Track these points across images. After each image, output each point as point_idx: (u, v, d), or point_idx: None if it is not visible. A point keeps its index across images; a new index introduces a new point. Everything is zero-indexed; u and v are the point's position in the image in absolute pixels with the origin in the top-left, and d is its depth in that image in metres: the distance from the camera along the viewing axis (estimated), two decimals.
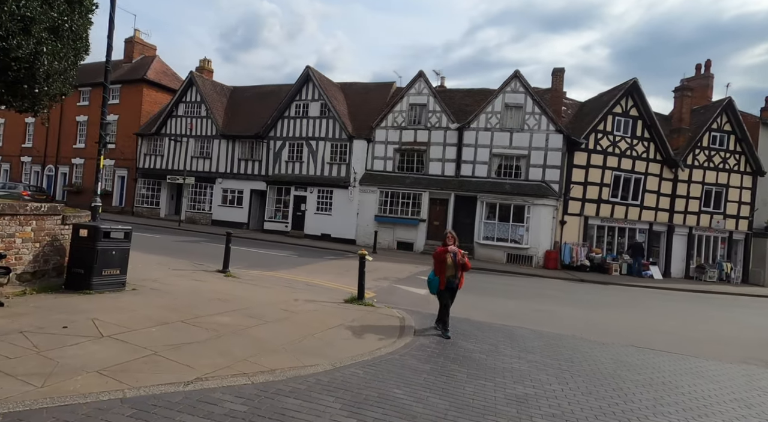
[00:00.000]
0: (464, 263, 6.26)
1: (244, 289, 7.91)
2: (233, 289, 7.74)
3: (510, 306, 9.73)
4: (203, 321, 5.22)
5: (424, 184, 20.69)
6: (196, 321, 5.18)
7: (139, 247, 13.00)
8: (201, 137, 25.49)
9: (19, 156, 32.52)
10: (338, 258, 15.42)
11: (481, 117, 20.44)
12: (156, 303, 5.79)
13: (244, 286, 8.24)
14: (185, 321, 5.09)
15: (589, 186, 19.82)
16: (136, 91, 27.80)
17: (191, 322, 5.11)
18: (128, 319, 4.84)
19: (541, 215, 19.04)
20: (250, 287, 8.17)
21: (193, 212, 25.37)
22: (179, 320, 5.10)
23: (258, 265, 11.90)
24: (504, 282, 13.80)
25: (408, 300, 9.26)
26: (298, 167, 23.15)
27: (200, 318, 5.33)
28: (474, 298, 9.74)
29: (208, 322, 5.21)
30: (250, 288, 8.08)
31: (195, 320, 5.23)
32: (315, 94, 23.04)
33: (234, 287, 8.00)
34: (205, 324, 5.09)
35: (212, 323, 5.19)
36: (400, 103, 21.70)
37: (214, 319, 5.36)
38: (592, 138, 19.75)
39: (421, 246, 20.43)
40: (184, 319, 5.17)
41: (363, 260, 7.86)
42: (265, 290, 8.03)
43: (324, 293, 8.58)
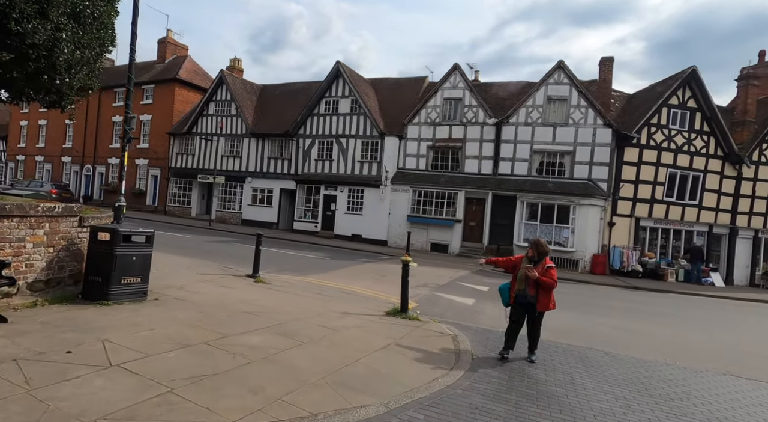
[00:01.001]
0: (539, 279, 5.25)
1: (276, 298, 7.18)
2: (263, 298, 7.02)
3: (567, 319, 8.62)
4: (230, 343, 4.48)
5: (459, 183, 19.62)
6: (222, 343, 4.44)
7: (168, 248, 12.61)
8: (231, 136, 25.29)
9: (60, 156, 33.46)
10: (371, 261, 14.62)
11: (521, 111, 19.17)
12: (178, 318, 5.11)
13: (275, 294, 7.52)
14: (209, 343, 4.36)
15: (641, 185, 18.22)
16: (168, 90, 27.94)
17: (216, 344, 4.37)
18: (144, 340, 4.15)
19: (587, 216, 17.63)
20: (282, 296, 7.44)
21: (223, 212, 25.21)
22: (202, 341, 4.37)
23: (288, 268, 11.24)
24: None
25: (453, 311, 8.33)
26: (328, 166, 22.52)
27: (227, 339, 4.59)
28: None
29: (236, 344, 4.46)
30: (281, 297, 7.35)
31: (221, 341, 4.49)
32: (345, 90, 22.34)
33: (264, 295, 7.29)
34: (231, 347, 4.34)
35: (240, 345, 4.44)
36: (433, 98, 20.69)
37: (242, 339, 4.61)
38: (645, 132, 18.14)
39: (457, 248, 19.37)
40: (208, 340, 4.44)
41: (407, 268, 6.97)
42: (297, 300, 7.28)
43: (361, 303, 7.77)
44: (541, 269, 5.33)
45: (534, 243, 5.51)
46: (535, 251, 5.46)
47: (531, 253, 5.47)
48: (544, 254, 5.49)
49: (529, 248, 5.50)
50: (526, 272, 5.30)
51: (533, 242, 5.53)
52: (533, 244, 5.50)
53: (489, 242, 19.04)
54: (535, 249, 5.47)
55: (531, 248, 5.48)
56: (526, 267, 5.34)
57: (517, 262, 5.63)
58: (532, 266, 5.34)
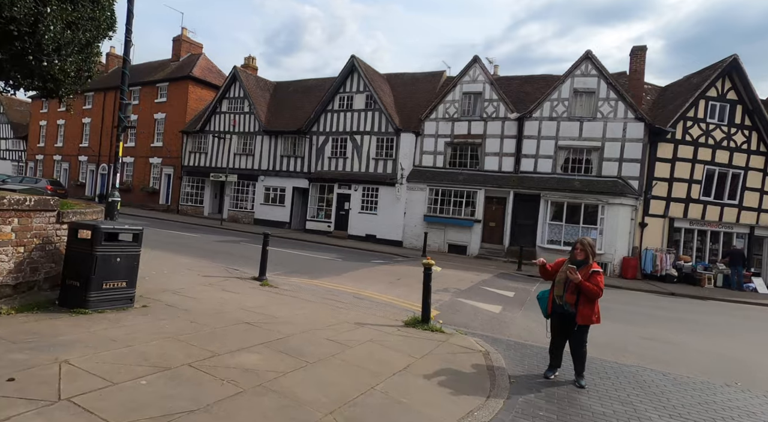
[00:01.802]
0: (581, 284, 4.38)
1: (281, 305, 6.42)
2: (267, 306, 6.27)
3: (609, 331, 7.65)
4: (220, 364, 3.71)
5: (479, 181, 18.67)
6: (211, 364, 3.67)
7: (173, 247, 12.04)
8: (244, 134, 24.80)
9: (77, 156, 33.58)
10: (386, 263, 13.81)
11: (545, 105, 18.12)
12: (164, 330, 4.38)
13: (281, 301, 6.77)
14: (195, 364, 3.60)
15: (676, 183, 16.98)
16: (182, 88, 27.64)
17: (203, 366, 3.61)
18: (114, 361, 3.40)
19: (617, 217, 16.48)
20: (288, 303, 6.68)
21: (235, 211, 24.72)
22: (187, 362, 3.61)
23: (299, 270, 10.51)
24: None
25: (479, 321, 7.46)
26: (342, 164, 21.80)
27: (217, 358, 3.82)
28: (540, 316, 7.79)
29: (227, 365, 3.69)
30: (287, 304, 6.59)
31: (209, 361, 3.73)
32: (360, 85, 21.59)
33: (269, 302, 6.54)
34: (221, 370, 3.58)
35: (232, 367, 3.67)
36: (452, 92, 19.78)
37: (235, 359, 3.84)
38: (680, 127, 16.90)
39: (476, 250, 18.42)
40: (194, 360, 3.69)
41: (428, 272, 6.14)
42: (305, 307, 6.51)
43: (377, 310, 6.96)
44: (586, 273, 4.46)
45: (582, 243, 4.63)
46: (584, 251, 4.59)
47: (579, 254, 4.59)
48: (592, 255, 4.62)
49: (576, 249, 4.62)
50: (567, 273, 4.43)
51: (582, 242, 4.65)
52: (581, 244, 4.63)
53: (510, 244, 18.03)
54: (584, 249, 4.60)
55: (578, 248, 4.61)
56: (568, 268, 4.47)
57: (557, 266, 4.76)
58: (575, 267, 4.46)
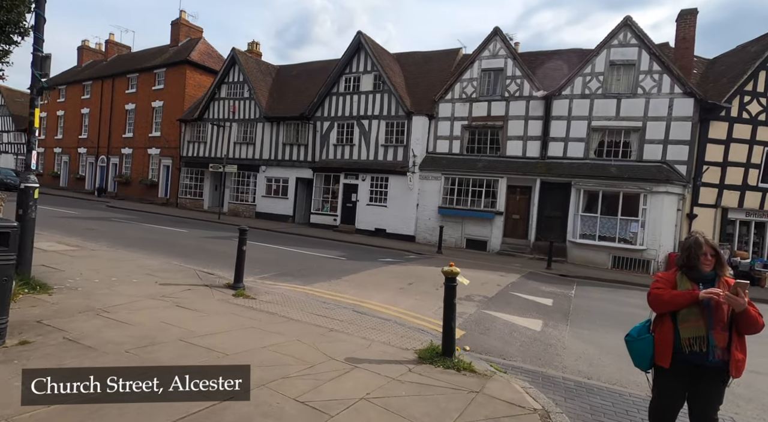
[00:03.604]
0: (747, 312, 2.53)
1: (246, 332, 4.66)
2: (227, 332, 4.51)
3: None
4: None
5: (500, 168, 16.68)
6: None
7: (149, 246, 10.37)
8: (244, 121, 23.14)
9: (76, 148, 32.49)
10: (396, 262, 12.01)
11: (576, 81, 15.98)
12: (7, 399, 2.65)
13: (251, 322, 5.02)
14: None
15: (730, 168, 14.74)
16: (179, 74, 26.09)
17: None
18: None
19: (662, 207, 14.35)
20: (260, 325, 4.93)
21: (236, 204, 23.17)
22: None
23: (292, 272, 8.79)
24: (624, 301, 9.60)
25: (517, 344, 5.63)
26: (348, 151, 20.00)
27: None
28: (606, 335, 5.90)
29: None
30: (258, 328, 4.84)
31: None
32: (367, 64, 19.68)
33: (231, 326, 4.78)
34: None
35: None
36: (469, 69, 17.75)
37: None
38: (736, 103, 14.62)
39: (497, 245, 16.49)
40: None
41: (452, 285, 4.31)
42: (282, 332, 4.75)
43: (381, 332, 5.18)
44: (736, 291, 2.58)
45: (711, 245, 2.74)
46: (715, 258, 2.73)
47: (707, 264, 2.73)
48: (724, 265, 2.76)
49: (703, 254, 2.73)
50: (721, 295, 2.55)
51: (710, 244, 2.76)
52: (710, 247, 2.74)
53: (536, 238, 16.06)
54: (716, 256, 2.73)
55: (706, 254, 2.72)
56: (738, 284, 2.55)
57: (667, 280, 2.88)
58: (746, 283, 2.57)
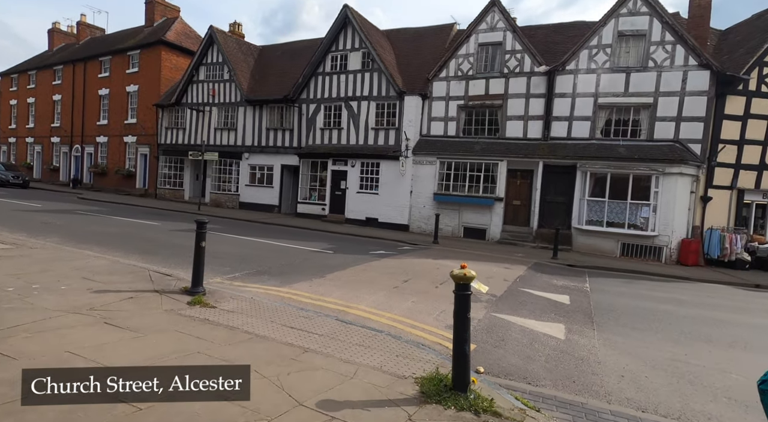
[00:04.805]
0: None
1: (189, 358, 3.47)
2: (158, 361, 3.32)
3: (731, 357, 4.64)
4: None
5: (499, 151, 15.48)
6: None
7: (105, 240, 8.97)
8: (225, 105, 21.64)
9: (49, 137, 30.73)
10: (389, 255, 10.84)
11: (581, 55, 14.73)
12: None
13: (201, 342, 3.81)
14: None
15: (747, 146, 13.69)
16: (154, 55, 24.39)
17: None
18: None
19: (676, 189, 13.28)
20: (214, 346, 3.73)
21: (218, 194, 21.80)
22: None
23: (269, 270, 7.59)
24: (646, 294, 8.54)
25: (541, 360, 4.49)
26: (336, 136, 18.66)
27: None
28: (642, 342, 4.78)
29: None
30: (208, 351, 3.63)
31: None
32: (355, 41, 18.24)
33: (168, 351, 3.57)
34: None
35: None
36: (465, 44, 16.40)
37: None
38: (754, 75, 13.50)
39: (497, 234, 15.38)
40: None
41: (466, 295, 3.13)
42: (240, 355, 3.56)
43: (370, 350, 4.01)
44: None
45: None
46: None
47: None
48: None
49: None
50: None
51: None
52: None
53: (539, 225, 14.98)
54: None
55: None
56: None
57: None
58: None
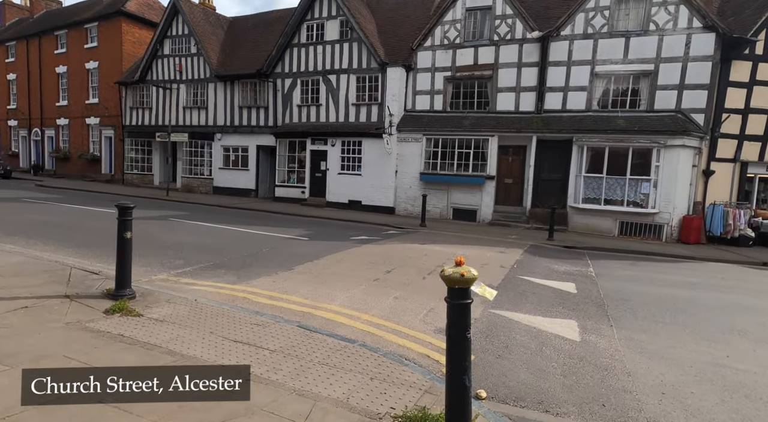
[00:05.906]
0: None
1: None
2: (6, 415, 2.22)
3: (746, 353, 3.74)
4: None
5: (490, 125, 14.39)
6: None
7: (39, 232, 7.51)
8: (193, 82, 19.98)
9: (6, 120, 28.48)
10: (372, 241, 9.77)
11: (577, 18, 13.58)
12: None
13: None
14: None
15: (752, 116, 12.85)
16: (114, 28, 22.38)
17: None
18: None
19: (678, 163, 12.44)
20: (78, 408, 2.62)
21: (190, 178, 20.34)
22: None
23: (227, 263, 6.45)
24: (657, 278, 7.67)
25: (556, 372, 3.50)
26: (315, 113, 17.30)
27: None
28: (672, 340, 3.87)
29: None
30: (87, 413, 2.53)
31: None
32: (332, 8, 16.73)
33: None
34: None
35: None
36: (452, 9, 15.08)
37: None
38: (761, 38, 12.57)
39: (489, 215, 14.43)
40: None
41: (464, 305, 2.08)
42: (128, 407, 2.46)
43: (335, 372, 2.96)
44: None
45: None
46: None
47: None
48: None
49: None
50: None
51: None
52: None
53: (533, 205, 14.06)
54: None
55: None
56: None
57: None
58: None
